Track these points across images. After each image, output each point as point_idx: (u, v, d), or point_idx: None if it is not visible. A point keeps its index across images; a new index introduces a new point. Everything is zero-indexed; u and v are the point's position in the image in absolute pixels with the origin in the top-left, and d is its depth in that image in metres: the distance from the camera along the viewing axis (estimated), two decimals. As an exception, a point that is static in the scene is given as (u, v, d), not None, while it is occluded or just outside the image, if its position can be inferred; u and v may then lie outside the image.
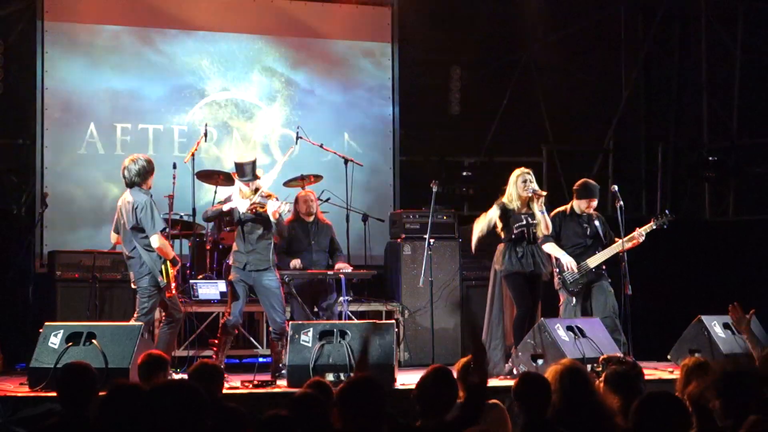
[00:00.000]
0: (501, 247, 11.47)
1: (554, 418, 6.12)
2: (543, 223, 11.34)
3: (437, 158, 16.73)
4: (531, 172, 11.47)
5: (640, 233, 11.82)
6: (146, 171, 10.77)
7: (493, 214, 11.47)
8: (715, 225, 16.78)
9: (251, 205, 10.95)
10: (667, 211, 12.17)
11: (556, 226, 11.87)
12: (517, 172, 11.47)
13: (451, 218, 13.87)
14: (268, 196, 11.05)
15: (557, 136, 16.92)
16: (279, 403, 6.78)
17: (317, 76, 16.03)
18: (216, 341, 11.30)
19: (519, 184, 11.37)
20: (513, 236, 11.30)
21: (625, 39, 17.06)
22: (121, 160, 13.47)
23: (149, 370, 7.70)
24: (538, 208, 11.34)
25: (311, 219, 12.86)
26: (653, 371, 11.37)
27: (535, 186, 11.39)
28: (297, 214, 12.87)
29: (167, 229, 12.38)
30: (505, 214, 11.39)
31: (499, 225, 11.45)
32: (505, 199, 11.45)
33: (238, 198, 11.20)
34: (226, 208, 11.20)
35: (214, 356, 11.09)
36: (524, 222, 11.31)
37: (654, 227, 11.89)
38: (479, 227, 11.54)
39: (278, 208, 10.89)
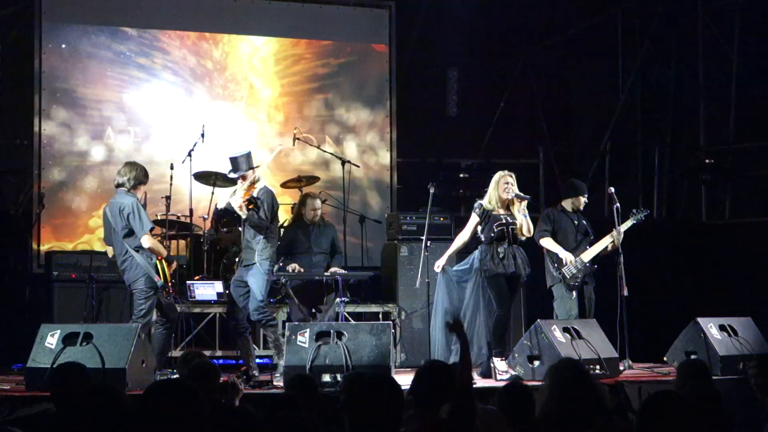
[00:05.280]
0: (482, 247, 11.35)
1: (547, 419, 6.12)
2: (525, 225, 11.25)
3: (434, 160, 16.75)
4: (513, 176, 11.38)
5: (619, 231, 11.90)
6: (138, 179, 10.81)
7: (473, 222, 11.41)
8: (711, 227, 16.78)
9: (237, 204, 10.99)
10: (641, 207, 12.47)
11: (551, 221, 11.96)
12: (499, 174, 11.39)
13: (448, 220, 13.83)
14: (246, 195, 11.02)
15: (554, 138, 16.94)
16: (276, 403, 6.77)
17: (314, 78, 16.03)
18: None
19: (501, 186, 11.29)
20: (493, 235, 11.16)
21: (622, 42, 17.07)
22: (117, 162, 13.58)
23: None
24: (520, 211, 11.30)
25: (315, 221, 12.87)
26: (650, 372, 11.43)
27: (516, 190, 11.31)
28: (300, 216, 12.88)
29: (159, 229, 12.45)
30: (485, 216, 11.30)
31: (479, 228, 11.39)
32: (484, 202, 11.37)
33: (232, 194, 11.21)
34: (220, 206, 11.24)
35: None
36: (504, 221, 11.17)
37: (634, 222, 12.01)
38: (461, 239, 11.53)
39: (238, 204, 10.96)
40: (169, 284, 10.77)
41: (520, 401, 6.45)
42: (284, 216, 13.67)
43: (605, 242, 11.91)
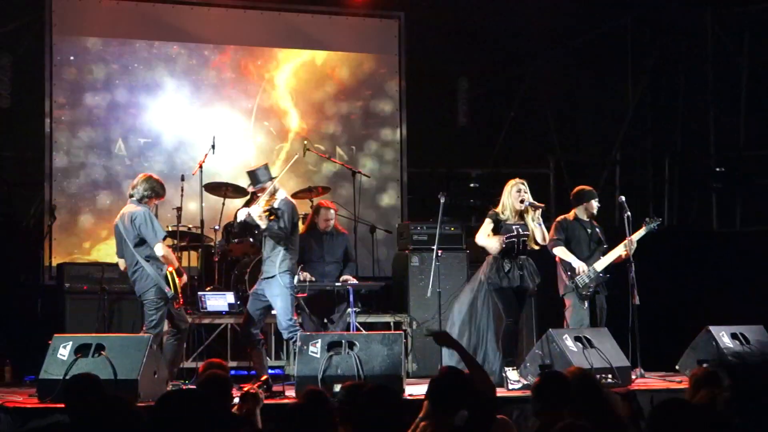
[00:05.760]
0: (489, 258, 11.33)
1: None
2: (540, 234, 11.22)
3: (444, 170, 16.75)
4: (525, 183, 11.31)
5: (632, 240, 11.86)
6: (152, 192, 10.82)
7: (488, 227, 11.32)
8: (722, 236, 16.76)
9: (257, 213, 10.97)
10: (653, 215, 12.38)
11: (564, 229, 11.88)
12: (511, 182, 11.32)
13: (459, 230, 13.83)
14: (267, 205, 11.02)
15: (564, 147, 16.94)
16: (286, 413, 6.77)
17: (324, 88, 16.04)
18: None
19: (513, 195, 11.22)
20: (503, 246, 11.15)
21: (631, 51, 17.07)
22: (124, 173, 13.62)
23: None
24: (534, 220, 11.26)
25: (327, 230, 12.84)
26: (662, 381, 11.42)
27: (530, 198, 11.28)
28: (313, 224, 12.86)
29: (173, 240, 12.47)
30: (497, 224, 11.25)
31: (490, 235, 11.33)
32: (498, 209, 11.34)
33: (243, 205, 11.24)
34: (239, 218, 11.18)
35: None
36: (515, 233, 11.13)
37: (646, 231, 11.95)
38: (481, 241, 11.48)
39: (257, 214, 10.95)
40: (180, 295, 10.78)
41: (557, 388, 6.43)
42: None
43: (618, 251, 11.86)
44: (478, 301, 11.43)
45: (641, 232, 11.97)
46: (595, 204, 12.07)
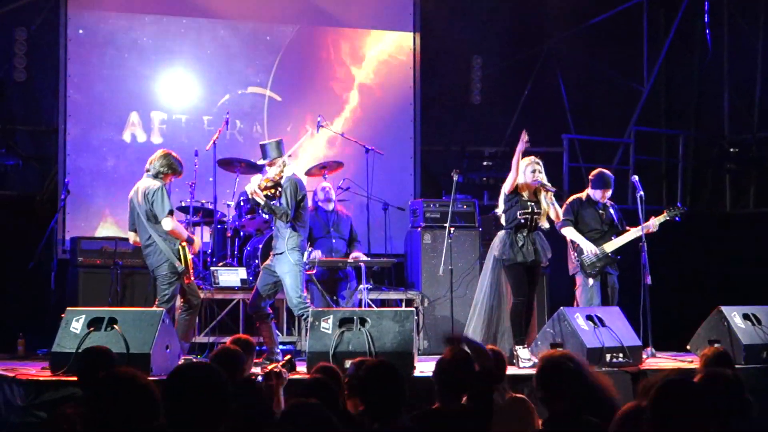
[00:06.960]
0: (501, 234, 11.27)
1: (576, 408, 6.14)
2: (553, 212, 11.20)
3: (458, 148, 16.75)
4: (540, 162, 11.24)
5: (654, 224, 11.85)
6: (170, 169, 10.81)
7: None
8: (735, 217, 16.75)
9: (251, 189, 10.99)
10: (679, 204, 12.32)
11: (575, 211, 11.87)
12: (526, 160, 11.21)
13: (472, 207, 13.84)
14: (267, 181, 11.02)
15: (578, 126, 16.91)
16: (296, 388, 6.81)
17: (338, 65, 16.03)
18: None
19: (527, 173, 11.18)
20: (516, 222, 11.11)
21: (647, 31, 17.02)
22: (136, 147, 13.60)
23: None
24: (546, 199, 11.25)
25: (330, 207, 12.94)
26: (672, 361, 11.43)
27: (543, 178, 11.23)
28: (316, 203, 12.97)
29: (185, 214, 12.49)
30: (512, 198, 11.23)
31: (502, 207, 11.31)
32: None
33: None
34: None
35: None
36: (529, 210, 11.07)
37: (666, 218, 11.93)
38: (506, 187, 11.33)
39: (251, 190, 10.99)
40: (190, 271, 10.79)
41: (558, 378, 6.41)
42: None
43: (632, 235, 11.83)
44: (493, 279, 11.43)
45: (661, 218, 11.94)
46: (607, 195, 12.00)
